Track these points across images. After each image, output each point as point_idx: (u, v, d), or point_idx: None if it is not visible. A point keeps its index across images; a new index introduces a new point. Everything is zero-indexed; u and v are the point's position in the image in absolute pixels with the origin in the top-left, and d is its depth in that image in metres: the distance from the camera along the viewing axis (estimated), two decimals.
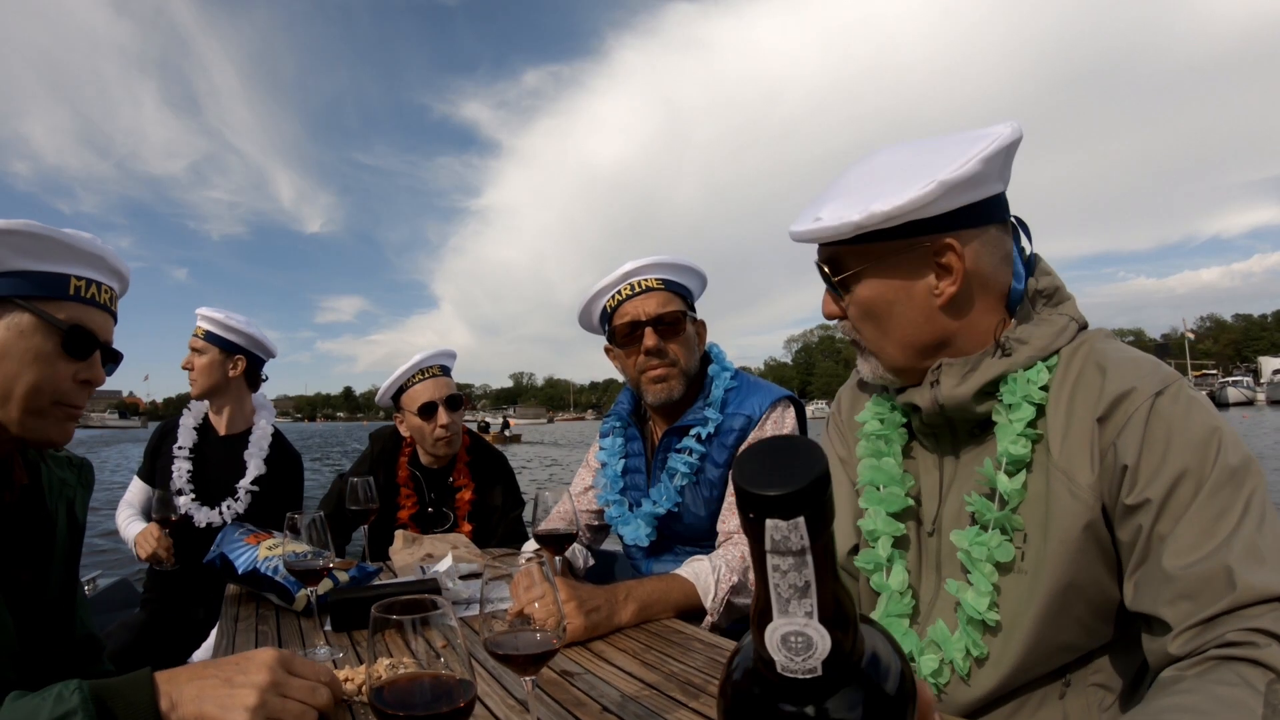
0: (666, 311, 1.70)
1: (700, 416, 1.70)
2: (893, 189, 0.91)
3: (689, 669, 1.12)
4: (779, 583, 0.39)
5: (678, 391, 1.71)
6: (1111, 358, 0.91)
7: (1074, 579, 0.88)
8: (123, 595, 2.97)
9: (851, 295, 1.02)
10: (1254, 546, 0.77)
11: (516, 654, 0.79)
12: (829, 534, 0.39)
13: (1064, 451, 0.90)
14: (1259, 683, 0.69)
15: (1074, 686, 0.93)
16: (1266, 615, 0.73)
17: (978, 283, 0.96)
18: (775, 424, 1.67)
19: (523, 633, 0.83)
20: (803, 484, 0.38)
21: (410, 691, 0.68)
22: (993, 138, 0.92)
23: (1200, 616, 0.76)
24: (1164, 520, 0.82)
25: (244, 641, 1.36)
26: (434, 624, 0.67)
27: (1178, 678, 0.75)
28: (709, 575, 1.47)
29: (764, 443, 0.42)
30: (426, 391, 2.31)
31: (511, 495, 2.47)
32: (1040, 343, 0.95)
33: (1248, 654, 0.72)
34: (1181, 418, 0.84)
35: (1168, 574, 0.79)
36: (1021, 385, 0.94)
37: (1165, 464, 0.82)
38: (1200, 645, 0.76)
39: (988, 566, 0.93)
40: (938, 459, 1.05)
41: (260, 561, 1.63)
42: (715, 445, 1.68)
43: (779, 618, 0.40)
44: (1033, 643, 0.90)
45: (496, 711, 0.99)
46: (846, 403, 1.22)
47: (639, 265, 1.73)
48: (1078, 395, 0.91)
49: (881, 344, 1.02)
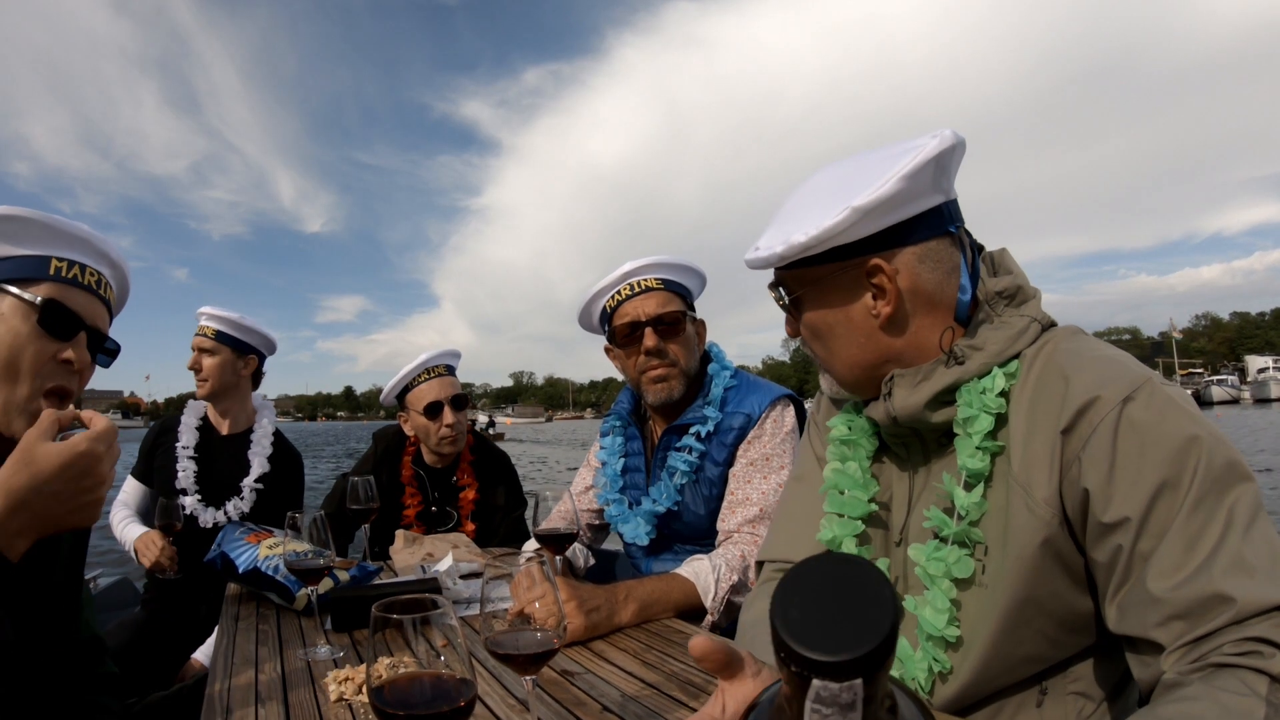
0: (666, 311, 1.70)
1: (700, 415, 1.70)
2: (813, 217, 0.92)
3: (689, 669, 1.12)
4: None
5: (678, 391, 1.71)
6: (1074, 361, 0.86)
7: (1032, 593, 0.85)
8: (123, 595, 2.97)
9: (800, 318, 1.04)
10: (1240, 559, 0.72)
11: (517, 653, 0.79)
12: (887, 675, 0.33)
13: (1023, 464, 0.86)
14: (1265, 691, 0.67)
15: (1051, 695, 0.91)
16: (1264, 623, 0.70)
17: (920, 298, 0.94)
18: (775, 422, 1.67)
19: (523, 632, 0.83)
20: (869, 648, 0.31)
21: (410, 691, 0.68)
22: (915, 153, 0.88)
23: (1195, 634, 0.72)
24: (1145, 538, 0.77)
25: (244, 640, 1.36)
26: (434, 623, 0.67)
27: (1180, 682, 0.72)
28: (709, 574, 1.47)
29: (812, 571, 0.34)
30: (432, 391, 2.32)
31: (514, 495, 2.47)
32: (995, 347, 0.91)
33: (1253, 663, 0.69)
34: (1155, 425, 0.78)
35: (1155, 597, 0.75)
36: (975, 396, 0.91)
37: (1141, 477, 0.77)
38: (1197, 658, 0.72)
39: (945, 583, 0.91)
40: (908, 471, 1.04)
41: (261, 560, 1.63)
42: (715, 444, 1.68)
43: None
44: (990, 656, 0.88)
45: (497, 711, 0.99)
46: (825, 406, 1.22)
47: (638, 265, 1.73)
48: (1039, 404, 0.87)
49: (830, 363, 1.04)
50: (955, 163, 0.94)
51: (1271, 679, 0.68)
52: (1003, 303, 0.96)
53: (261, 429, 2.46)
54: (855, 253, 0.93)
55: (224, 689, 1.10)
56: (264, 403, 2.56)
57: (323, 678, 1.11)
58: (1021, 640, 0.88)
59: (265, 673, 1.17)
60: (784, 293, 1.04)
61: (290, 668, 1.19)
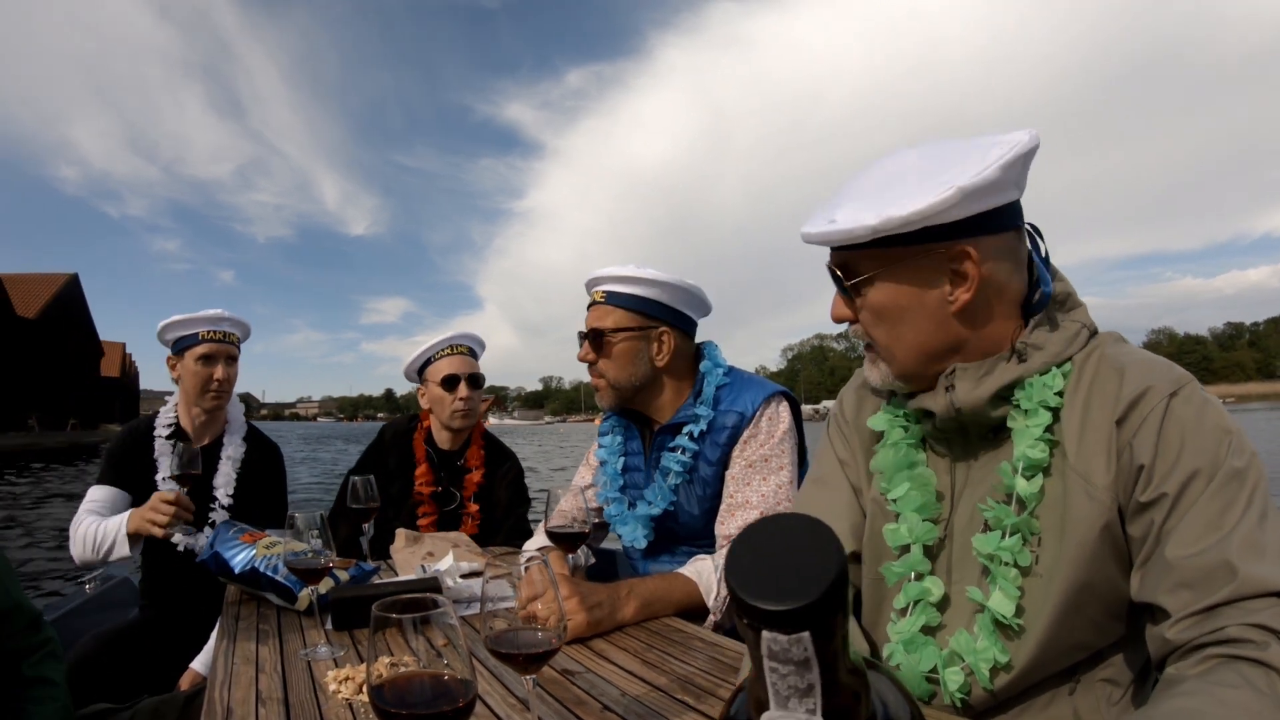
0: (598, 326, 1.74)
1: (691, 414, 1.69)
2: (909, 193, 0.90)
3: (691, 669, 1.12)
4: (777, 684, 0.34)
5: (607, 401, 1.77)
6: (1126, 361, 0.93)
7: (1089, 579, 0.88)
8: (123, 595, 2.96)
9: (864, 299, 1.00)
10: (1255, 541, 0.78)
11: (517, 652, 0.79)
12: (841, 635, 0.34)
13: (1080, 454, 0.90)
14: (1262, 683, 0.70)
15: (1083, 684, 0.93)
16: (1267, 611, 0.74)
17: (993, 290, 0.95)
18: (771, 420, 1.66)
19: (524, 631, 0.82)
20: (811, 598, 0.32)
21: (410, 690, 0.68)
22: (1012, 144, 0.91)
23: (1200, 605, 0.77)
24: (1173, 516, 0.83)
25: (245, 640, 1.35)
26: (435, 622, 0.67)
27: (1180, 678, 0.75)
28: (712, 574, 1.46)
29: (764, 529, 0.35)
30: (451, 365, 2.40)
31: (518, 494, 2.48)
32: (1055, 349, 0.95)
33: (1250, 653, 0.72)
34: (1195, 419, 0.85)
35: (1169, 563, 0.81)
36: (1039, 390, 0.94)
37: (1179, 463, 0.84)
38: (1199, 635, 0.76)
39: (1012, 571, 0.92)
40: (949, 464, 1.04)
41: (258, 560, 1.63)
42: (708, 443, 1.67)
43: (776, 708, 0.35)
44: (1046, 643, 0.90)
45: (497, 710, 0.98)
46: (851, 404, 1.21)
47: (593, 277, 1.80)
48: (1094, 398, 0.92)
49: (893, 349, 1.01)
50: (1030, 162, 0.97)
51: (1271, 670, 0.70)
52: (1056, 306, 1.00)
53: (233, 420, 2.35)
54: (946, 236, 0.92)
55: (225, 689, 1.10)
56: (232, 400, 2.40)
57: (323, 677, 1.11)
58: (1075, 627, 0.90)
59: (266, 672, 1.17)
60: (850, 273, 1.00)
61: (290, 667, 1.19)
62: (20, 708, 1.30)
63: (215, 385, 2.24)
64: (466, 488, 2.40)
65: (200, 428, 2.31)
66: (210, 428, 2.34)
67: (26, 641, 1.36)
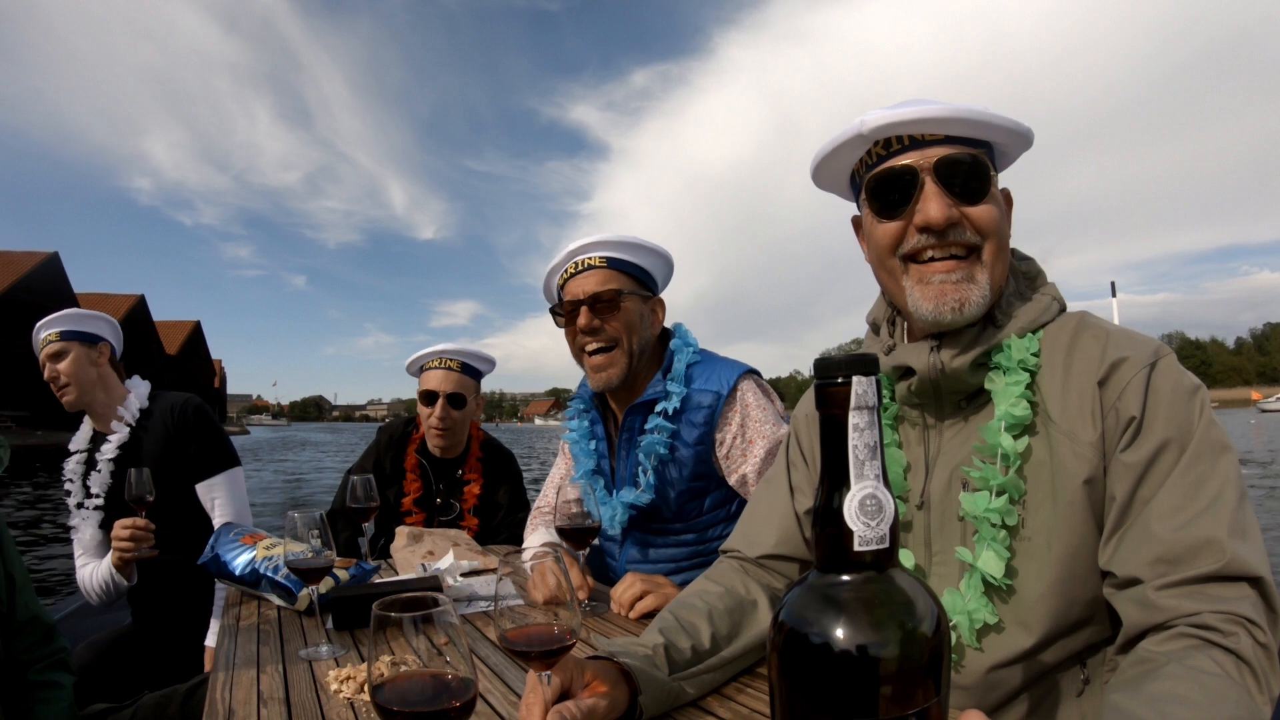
0: (604, 290, 1.65)
1: (662, 390, 1.65)
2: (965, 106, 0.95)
3: None
4: (857, 443, 0.45)
5: (616, 378, 1.65)
6: (1110, 329, 0.96)
7: (1084, 541, 0.89)
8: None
9: (991, 199, 0.97)
10: (1237, 521, 0.80)
11: (530, 650, 0.78)
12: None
13: (1064, 414, 0.92)
14: (1233, 671, 0.72)
15: (1092, 684, 0.92)
16: (1243, 600, 0.76)
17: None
18: (754, 394, 1.64)
19: (539, 628, 0.82)
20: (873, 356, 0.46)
21: (412, 689, 0.68)
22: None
23: (1182, 576, 0.79)
24: (1146, 484, 0.85)
25: (246, 640, 1.36)
26: (435, 621, 0.67)
27: (1156, 657, 0.76)
28: None
29: (834, 357, 0.48)
30: (434, 380, 2.33)
31: (517, 495, 2.48)
32: (1029, 316, 0.99)
33: (1223, 641, 0.74)
34: (1171, 389, 0.88)
35: (1153, 535, 0.82)
36: (1018, 350, 0.96)
37: (1153, 429, 0.86)
38: (1179, 615, 0.77)
39: (1002, 532, 0.93)
40: (922, 432, 1.04)
41: (259, 561, 1.63)
42: (684, 423, 1.64)
43: (856, 483, 0.45)
44: (1055, 606, 0.90)
45: (498, 708, 0.99)
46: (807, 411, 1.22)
47: (582, 244, 1.69)
48: (1075, 360, 0.94)
49: (997, 263, 0.98)
50: None
51: (1239, 659, 0.73)
52: (1024, 281, 1.04)
53: (128, 404, 2.22)
54: (993, 159, 1.00)
55: (226, 689, 1.10)
56: (135, 382, 2.31)
57: (324, 677, 1.11)
58: (1076, 595, 0.90)
59: (267, 672, 1.17)
60: (982, 168, 0.96)
61: (292, 667, 1.19)
62: (29, 709, 1.33)
63: (56, 385, 2.14)
64: (466, 499, 2.39)
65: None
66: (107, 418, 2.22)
67: (38, 652, 1.41)
